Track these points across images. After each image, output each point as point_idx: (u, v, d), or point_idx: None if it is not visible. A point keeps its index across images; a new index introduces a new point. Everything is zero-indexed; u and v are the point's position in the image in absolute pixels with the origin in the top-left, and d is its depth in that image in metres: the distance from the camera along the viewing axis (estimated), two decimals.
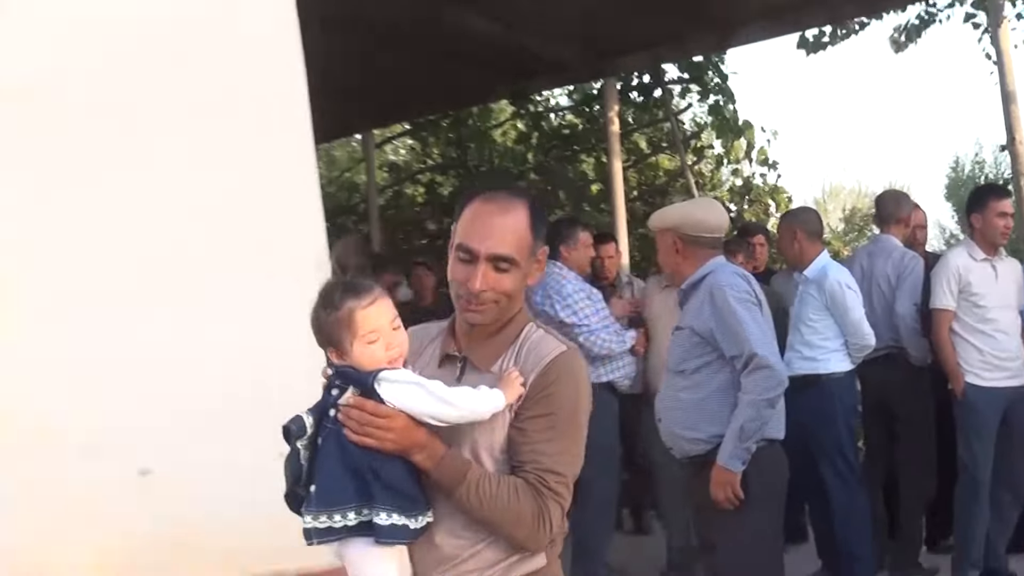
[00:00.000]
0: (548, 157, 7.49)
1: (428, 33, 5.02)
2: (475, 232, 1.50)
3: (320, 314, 1.50)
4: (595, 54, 5.50)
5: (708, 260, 2.84)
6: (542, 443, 1.48)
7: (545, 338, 1.57)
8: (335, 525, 1.42)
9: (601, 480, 3.60)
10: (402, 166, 9.44)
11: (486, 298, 1.48)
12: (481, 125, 7.91)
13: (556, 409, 1.50)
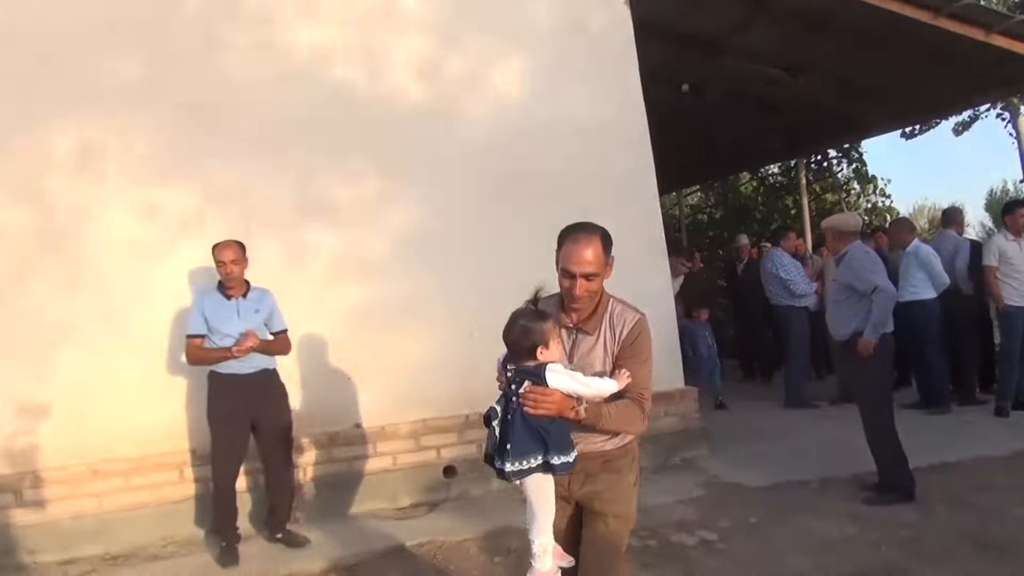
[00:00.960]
0: (768, 197, 12.17)
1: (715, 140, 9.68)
2: (571, 260, 2.43)
3: (535, 325, 2.36)
4: (794, 148, 9.87)
5: (850, 243, 4.78)
6: (635, 372, 2.46)
7: (624, 308, 2.55)
8: (526, 467, 2.29)
9: (799, 350, 7.59)
10: (695, 204, 15.68)
11: (583, 296, 2.45)
12: (734, 182, 13.38)
13: (638, 353, 2.49)
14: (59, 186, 4.69)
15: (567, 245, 2.47)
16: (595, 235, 2.48)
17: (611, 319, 2.54)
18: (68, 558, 4.43)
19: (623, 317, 2.53)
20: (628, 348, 2.50)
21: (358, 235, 5.15)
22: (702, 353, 7.43)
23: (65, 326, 4.65)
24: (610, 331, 2.53)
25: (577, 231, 2.50)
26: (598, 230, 2.51)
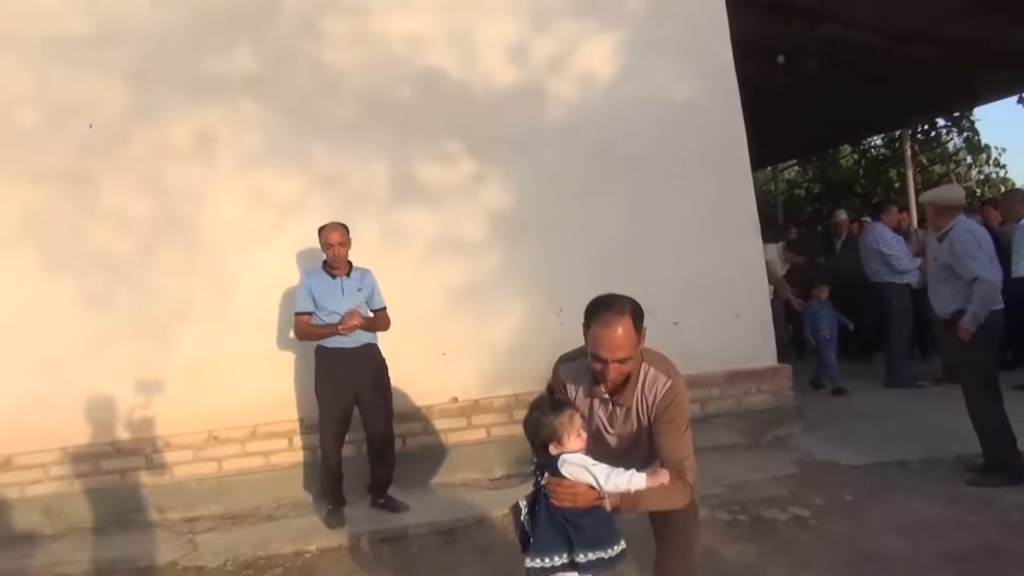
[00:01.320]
0: (870, 171, 11.73)
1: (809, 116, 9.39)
2: (601, 346, 2.28)
3: (549, 418, 2.24)
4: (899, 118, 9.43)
5: (953, 219, 4.46)
6: (671, 444, 2.35)
7: (657, 374, 2.39)
8: (547, 565, 2.09)
9: (901, 328, 7.33)
10: (791, 179, 15.29)
11: (617, 379, 2.35)
12: (834, 156, 12.84)
13: (674, 419, 2.36)
14: (175, 174, 5.03)
15: (596, 327, 2.33)
16: (624, 314, 2.33)
17: (643, 387, 2.43)
18: (192, 516, 4.82)
19: (655, 384, 2.42)
20: (662, 416, 2.40)
21: (451, 216, 5.31)
22: (824, 335, 7.09)
23: (183, 304, 5.01)
24: (643, 399, 2.43)
25: (605, 311, 2.34)
26: (627, 306, 2.36)
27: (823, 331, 7.10)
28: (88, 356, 4.88)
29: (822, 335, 7.10)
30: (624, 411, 2.44)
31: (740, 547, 3.87)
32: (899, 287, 7.16)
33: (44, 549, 4.50)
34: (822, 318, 7.12)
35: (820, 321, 7.11)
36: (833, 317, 7.19)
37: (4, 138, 4.81)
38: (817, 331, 7.14)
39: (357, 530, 4.42)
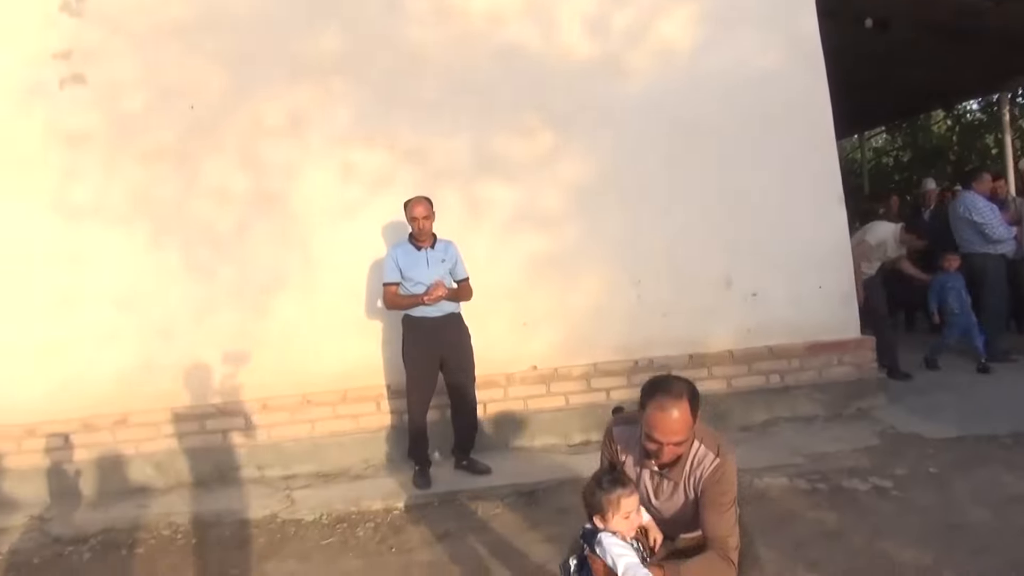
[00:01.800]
0: (964, 137, 11.16)
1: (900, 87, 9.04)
2: (657, 429, 2.28)
3: (598, 492, 2.28)
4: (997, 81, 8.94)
5: None
6: (715, 521, 2.34)
7: (706, 451, 2.39)
8: None
9: (995, 300, 7.04)
10: (879, 147, 14.81)
11: (670, 460, 2.37)
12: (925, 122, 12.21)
13: (719, 496, 2.35)
14: (271, 151, 5.29)
15: (652, 410, 2.31)
16: (682, 398, 2.32)
17: (693, 463, 2.43)
18: (288, 474, 5.13)
19: (703, 462, 2.41)
20: (707, 493, 2.39)
21: (532, 189, 5.41)
22: (952, 308, 6.60)
23: (278, 275, 5.30)
24: (692, 475, 2.43)
25: (662, 395, 2.32)
26: (685, 390, 2.34)
27: (952, 305, 6.60)
28: (192, 324, 5.22)
29: (949, 309, 6.61)
30: (672, 484, 2.46)
31: (819, 515, 3.89)
32: (993, 257, 6.86)
33: (157, 500, 4.88)
34: (950, 291, 6.61)
35: (948, 294, 6.62)
36: (962, 290, 6.64)
37: (115, 121, 5.14)
38: (943, 304, 6.66)
39: (442, 490, 4.63)
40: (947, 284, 6.64)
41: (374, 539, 4.16)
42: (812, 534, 3.68)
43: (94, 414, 5.12)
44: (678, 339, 5.43)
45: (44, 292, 5.10)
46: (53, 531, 4.52)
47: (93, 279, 5.13)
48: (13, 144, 5.05)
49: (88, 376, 5.11)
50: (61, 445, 5.10)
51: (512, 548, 3.86)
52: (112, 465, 5.11)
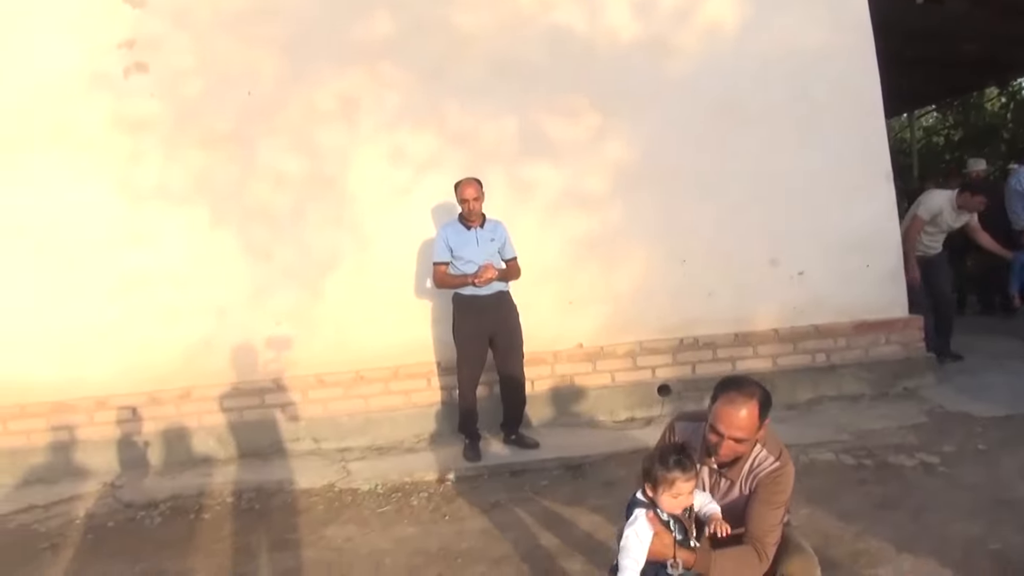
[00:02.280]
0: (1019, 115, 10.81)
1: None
2: (721, 421, 2.37)
3: (657, 466, 2.30)
4: None
5: None
6: (761, 523, 2.40)
7: (767, 455, 2.45)
8: None
9: None
10: (929, 126, 14.58)
11: (728, 456, 2.43)
12: (978, 100, 11.96)
13: (771, 497, 2.41)
14: (324, 136, 5.45)
15: (722, 403, 2.40)
16: (753, 398, 2.39)
17: (752, 464, 2.49)
18: (344, 446, 5.33)
19: (763, 464, 2.48)
20: (760, 491, 2.45)
21: (578, 169, 5.48)
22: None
23: (332, 255, 5.48)
24: (750, 477, 2.49)
25: (734, 390, 2.41)
26: (757, 392, 2.41)
27: None
28: (251, 303, 5.44)
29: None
30: (728, 484, 2.52)
31: (865, 490, 3.93)
32: None
33: (220, 470, 5.12)
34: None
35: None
36: None
37: (177, 107, 5.34)
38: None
39: (492, 463, 4.78)
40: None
41: (428, 508, 4.32)
42: (858, 506, 3.73)
43: (159, 388, 5.37)
44: (723, 318, 5.47)
45: (111, 273, 5.34)
46: (125, 497, 4.77)
47: (156, 260, 5.37)
48: (80, 130, 5.28)
49: (153, 352, 5.36)
50: (130, 417, 5.36)
51: (560, 518, 3.99)
52: (177, 437, 5.36)
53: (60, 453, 5.31)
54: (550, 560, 3.51)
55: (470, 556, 3.64)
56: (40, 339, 5.30)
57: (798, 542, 2.58)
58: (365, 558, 3.74)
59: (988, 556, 3.12)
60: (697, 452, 2.48)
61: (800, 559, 2.49)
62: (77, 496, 4.86)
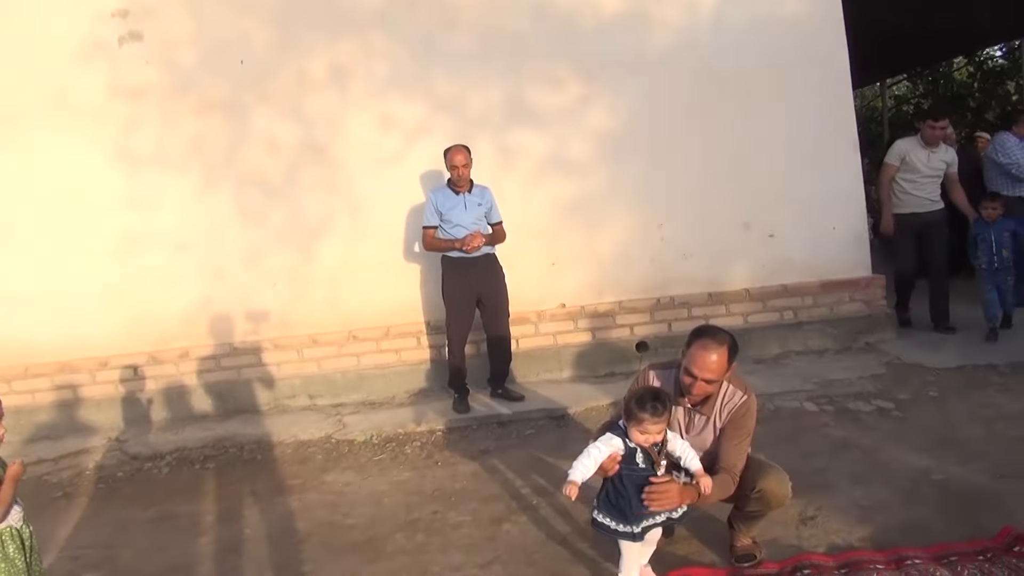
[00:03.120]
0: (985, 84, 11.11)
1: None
2: (695, 364, 2.69)
3: (633, 403, 2.57)
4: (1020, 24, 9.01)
5: None
6: (732, 453, 2.77)
7: (734, 390, 2.81)
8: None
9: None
10: (900, 95, 14.69)
11: (699, 396, 2.77)
12: (945, 69, 12.22)
13: (739, 430, 2.79)
14: (316, 103, 5.62)
15: (696, 348, 2.73)
16: (723, 345, 2.72)
17: (722, 400, 2.83)
18: (338, 402, 5.59)
19: (732, 398, 2.83)
20: (730, 425, 2.82)
21: (560, 136, 5.71)
22: (980, 262, 5.76)
23: (324, 219, 5.69)
24: (722, 410, 2.84)
25: (707, 338, 2.74)
26: (726, 339, 2.75)
27: (980, 259, 5.77)
28: (246, 265, 5.65)
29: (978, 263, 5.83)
30: (703, 419, 2.86)
31: (825, 432, 4.28)
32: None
33: (221, 425, 5.36)
34: (981, 242, 5.76)
35: (980, 246, 5.78)
36: (996, 243, 5.71)
37: (171, 75, 5.49)
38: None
39: (480, 414, 5.07)
40: (979, 235, 5.74)
41: (421, 455, 4.61)
42: (819, 446, 4.07)
43: (160, 348, 5.60)
44: (698, 278, 5.77)
45: (110, 236, 5.53)
46: (131, 450, 5.02)
47: (154, 224, 5.55)
48: (78, 98, 5.42)
49: (153, 313, 5.58)
50: (132, 376, 5.59)
51: (544, 462, 4.29)
52: (178, 394, 5.59)
53: (65, 411, 5.53)
54: (536, 497, 3.82)
55: (463, 495, 3.94)
56: (43, 301, 5.48)
57: (769, 463, 2.96)
58: (365, 499, 4.03)
59: (932, 485, 3.46)
60: (672, 394, 2.80)
61: (774, 475, 2.88)
62: (84, 450, 5.09)
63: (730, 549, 2.99)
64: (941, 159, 5.94)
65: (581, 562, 3.08)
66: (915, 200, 5.94)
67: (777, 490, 2.86)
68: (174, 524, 3.93)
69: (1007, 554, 2.77)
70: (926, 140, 5.89)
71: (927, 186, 5.93)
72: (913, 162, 5.89)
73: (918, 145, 5.92)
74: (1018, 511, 3.12)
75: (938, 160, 5.93)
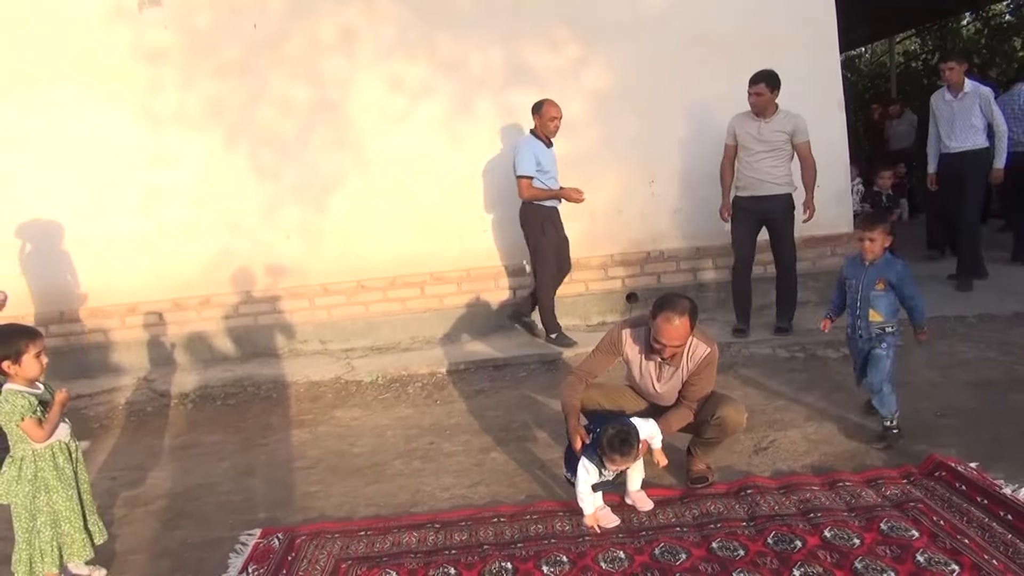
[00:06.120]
0: (992, 40, 11.06)
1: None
2: (662, 336, 3.07)
3: (605, 445, 2.94)
4: None
5: None
6: (694, 392, 3.26)
7: (699, 343, 3.20)
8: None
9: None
10: (910, 52, 14.63)
11: (669, 357, 3.16)
12: (953, 25, 12.17)
13: (703, 377, 3.23)
14: (326, 65, 5.93)
15: (661, 321, 3.07)
16: (684, 314, 3.06)
17: (689, 352, 3.21)
18: (348, 347, 6.02)
19: (697, 351, 3.21)
20: (695, 373, 3.23)
21: (558, 96, 5.89)
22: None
23: (335, 175, 6.04)
24: (687, 362, 3.23)
25: (670, 310, 3.06)
26: (687, 308, 3.08)
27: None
28: (262, 219, 6.04)
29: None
30: (672, 369, 3.27)
31: (791, 376, 4.64)
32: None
33: (239, 367, 5.81)
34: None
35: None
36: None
37: (189, 39, 5.82)
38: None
39: (477, 358, 5.47)
40: (846, 273, 3.89)
41: (422, 395, 5.03)
42: (784, 388, 4.44)
43: (182, 296, 6.04)
44: (686, 233, 6.08)
45: (134, 192, 5.92)
46: (158, 388, 5.49)
47: (176, 180, 5.94)
48: (101, 61, 5.77)
49: (175, 263, 6.00)
50: (157, 322, 6.04)
51: (535, 401, 4.70)
52: (199, 339, 6.04)
53: (98, 352, 6.01)
54: (524, 430, 4.23)
55: (457, 428, 4.36)
56: (74, 252, 5.93)
57: (729, 395, 3.42)
58: (370, 431, 4.46)
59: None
60: (645, 350, 3.25)
61: (732, 405, 3.30)
62: (116, 388, 5.57)
63: (687, 473, 3.38)
64: (777, 130, 5.10)
65: (555, 485, 3.48)
66: (751, 181, 5.22)
67: (735, 417, 3.26)
68: (199, 451, 4.40)
69: (929, 478, 3.13)
70: (751, 109, 5.16)
71: (764, 162, 5.15)
72: (743, 137, 5.20)
73: (748, 117, 5.18)
74: (949, 443, 3.48)
75: (771, 131, 5.10)
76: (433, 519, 3.18)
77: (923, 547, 2.59)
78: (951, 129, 6.08)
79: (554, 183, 5.39)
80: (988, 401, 3.96)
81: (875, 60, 14.76)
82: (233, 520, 3.43)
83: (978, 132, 6.02)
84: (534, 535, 2.96)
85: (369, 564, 2.87)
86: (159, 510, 3.65)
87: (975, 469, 3.11)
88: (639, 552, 2.76)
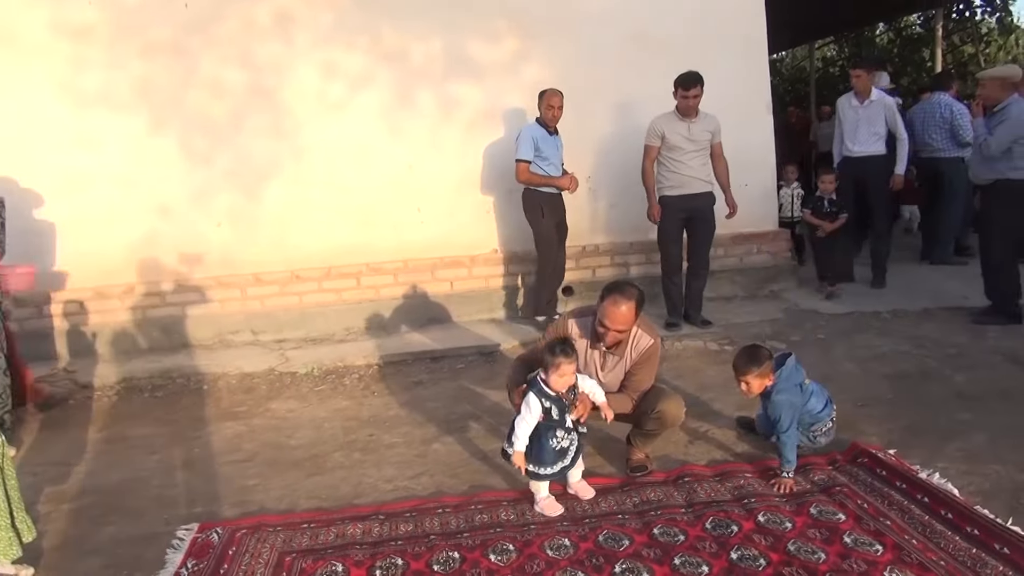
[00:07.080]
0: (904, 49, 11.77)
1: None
2: (608, 318, 3.12)
3: (546, 351, 3.00)
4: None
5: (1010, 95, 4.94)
6: (635, 382, 3.31)
7: (643, 335, 3.28)
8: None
9: (958, 204, 7.76)
10: (828, 57, 15.32)
11: (613, 343, 3.22)
12: (869, 34, 12.84)
13: (644, 368, 3.30)
14: (261, 49, 5.79)
15: (607, 304, 3.12)
16: (631, 300, 3.12)
17: (633, 343, 3.28)
18: (281, 338, 5.92)
19: (641, 342, 3.29)
20: (637, 364, 3.31)
21: (497, 88, 6.01)
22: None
23: (270, 163, 5.92)
24: (632, 352, 3.30)
25: (616, 293, 3.13)
26: (634, 295, 3.14)
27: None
28: (191, 205, 5.87)
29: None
30: (616, 359, 3.33)
31: (721, 368, 4.76)
32: (962, 162, 6.67)
33: (167, 358, 5.63)
34: None
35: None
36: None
37: (115, 17, 5.58)
38: None
39: (415, 349, 5.46)
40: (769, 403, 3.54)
41: (359, 386, 4.99)
42: (714, 380, 4.59)
43: (105, 284, 5.79)
44: (622, 228, 6.21)
45: (56, 174, 5.65)
46: (81, 380, 5.26)
47: (101, 162, 5.70)
48: (22, 36, 5.50)
49: (98, 250, 5.77)
50: (77, 311, 5.78)
51: (473, 392, 4.73)
52: (123, 329, 5.83)
53: None
54: (463, 421, 4.25)
55: (396, 420, 4.35)
56: None
57: (669, 390, 3.54)
58: (307, 423, 4.40)
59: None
60: (589, 339, 3.27)
61: (672, 399, 3.41)
62: (35, 380, 5.29)
63: (627, 462, 3.47)
64: (704, 129, 5.39)
65: (498, 474, 3.52)
66: (682, 179, 5.42)
67: (674, 412, 3.37)
68: (126, 445, 4.25)
69: (852, 464, 3.31)
70: (681, 112, 5.32)
71: (694, 161, 5.40)
72: (673, 138, 5.37)
73: (675, 118, 5.36)
74: (870, 432, 3.69)
75: (700, 131, 5.37)
76: (377, 511, 3.18)
77: (849, 529, 2.74)
78: (855, 134, 6.33)
79: (554, 170, 5.48)
80: (903, 392, 4.20)
81: (795, 64, 15.34)
82: (168, 515, 3.34)
83: (880, 139, 6.29)
84: (480, 525, 2.99)
85: (314, 556, 2.85)
86: (87, 506, 3.51)
87: (894, 455, 3.31)
88: (583, 539, 2.83)
